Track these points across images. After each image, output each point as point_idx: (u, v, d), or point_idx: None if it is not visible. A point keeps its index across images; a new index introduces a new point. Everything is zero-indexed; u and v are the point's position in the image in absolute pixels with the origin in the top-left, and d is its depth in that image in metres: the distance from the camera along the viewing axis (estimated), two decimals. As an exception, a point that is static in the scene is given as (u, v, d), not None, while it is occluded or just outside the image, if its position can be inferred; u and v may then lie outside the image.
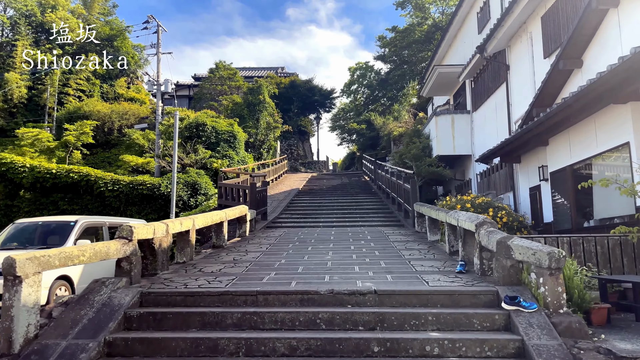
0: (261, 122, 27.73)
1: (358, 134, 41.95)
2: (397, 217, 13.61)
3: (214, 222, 7.88)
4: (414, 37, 36.93)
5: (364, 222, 12.99)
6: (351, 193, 20.33)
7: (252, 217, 10.62)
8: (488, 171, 15.52)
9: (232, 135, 23.27)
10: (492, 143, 15.62)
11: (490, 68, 15.72)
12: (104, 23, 43.03)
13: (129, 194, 16.18)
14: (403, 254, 7.26)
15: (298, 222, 13.13)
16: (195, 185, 16.89)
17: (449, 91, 20.46)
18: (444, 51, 21.08)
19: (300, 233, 10.44)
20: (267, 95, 28.15)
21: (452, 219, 6.83)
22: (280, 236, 9.98)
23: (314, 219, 13.69)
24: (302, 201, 17.59)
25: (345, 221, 13.23)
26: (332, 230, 11.28)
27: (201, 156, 21.95)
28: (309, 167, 35.25)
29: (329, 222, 13.11)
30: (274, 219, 13.43)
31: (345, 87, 43.72)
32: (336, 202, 17.43)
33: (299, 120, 36.46)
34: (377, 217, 13.88)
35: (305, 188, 22.24)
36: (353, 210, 15.40)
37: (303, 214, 14.76)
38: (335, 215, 14.58)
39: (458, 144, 17.70)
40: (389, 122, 28.79)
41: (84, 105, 35.23)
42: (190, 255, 6.97)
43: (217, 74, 36.15)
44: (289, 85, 35.77)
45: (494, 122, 15.48)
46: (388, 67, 41.86)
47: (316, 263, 6.69)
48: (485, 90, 16.29)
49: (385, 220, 13.40)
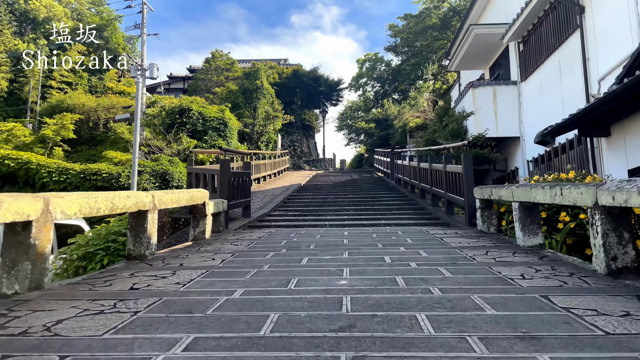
0: (259, 111, 23.82)
1: (366, 134, 38.00)
2: (434, 213, 9.56)
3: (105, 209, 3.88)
4: (429, 22, 33.00)
5: (390, 220, 8.97)
6: (364, 188, 16.32)
7: (220, 209, 6.64)
8: (547, 155, 11.47)
9: (222, 122, 19.41)
10: (554, 118, 11.62)
11: (550, 17, 11.71)
12: (94, 13, 39.55)
13: (80, 186, 12.28)
14: (520, 284, 3.13)
15: (294, 221, 9.13)
16: (166, 176, 12.95)
17: (484, 63, 16.43)
18: (480, 10, 17.02)
19: (293, 235, 6.42)
20: (266, 81, 24.26)
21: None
22: (259, 239, 5.98)
23: (317, 217, 9.70)
24: (303, 196, 13.60)
25: (363, 219, 9.22)
26: (345, 231, 7.24)
27: (185, 146, 18.11)
28: (314, 165, 31.20)
29: (339, 220, 9.11)
30: (262, 216, 9.44)
31: (354, 81, 39.77)
32: (347, 197, 13.45)
33: (303, 114, 32.48)
34: (406, 214, 9.83)
35: (309, 184, 18.25)
36: (371, 205, 11.39)
37: (302, 210, 10.76)
38: (347, 211, 10.59)
39: (502, 124, 13.65)
40: (405, 110, 24.75)
41: (68, 98, 31.54)
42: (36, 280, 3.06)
43: (214, 64, 32.51)
44: (291, 75, 31.84)
45: (556, 89, 11.46)
46: (400, 59, 37.95)
47: (315, 304, 2.62)
48: (541, 51, 12.28)
49: (420, 217, 9.34)
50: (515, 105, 13.64)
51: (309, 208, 11.09)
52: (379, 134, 33.48)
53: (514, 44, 13.91)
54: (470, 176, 7.25)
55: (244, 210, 8.73)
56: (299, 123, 31.71)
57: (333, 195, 13.78)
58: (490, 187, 5.89)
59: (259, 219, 9.07)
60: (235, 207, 7.96)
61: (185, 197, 5.29)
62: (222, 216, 6.78)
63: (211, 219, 6.16)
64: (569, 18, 10.82)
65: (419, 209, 10.67)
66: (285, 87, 31.32)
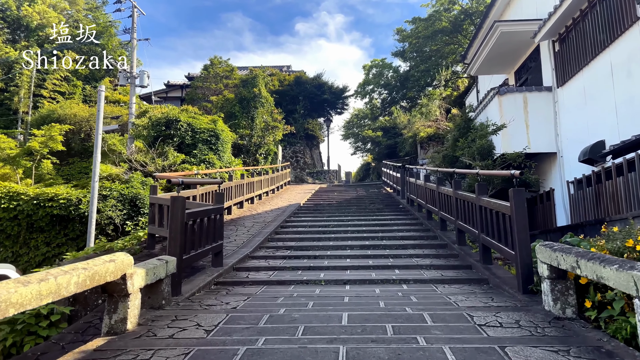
0: (256, 122, 21.68)
1: (373, 142, 35.80)
2: (463, 257, 7.31)
3: None
4: (439, 25, 30.78)
5: (405, 268, 6.72)
6: (372, 209, 14.10)
7: (161, 276, 4.46)
8: (595, 176, 9.12)
9: (213, 134, 17.31)
10: (602, 131, 9.43)
11: (598, 10, 9.48)
12: (91, 20, 37.84)
13: (33, 215, 10.16)
14: None
15: (281, 269, 6.91)
16: (137, 201, 10.80)
17: (508, 66, 14.18)
18: (503, 5, 14.72)
19: (279, 306, 4.25)
20: (264, 88, 22.15)
21: None
22: (224, 321, 3.81)
23: (312, 260, 7.49)
24: (300, 223, 11.39)
25: (370, 267, 6.97)
26: (345, 295, 5.09)
27: (171, 161, 16.01)
28: (318, 178, 28.97)
29: (339, 270, 6.88)
30: (241, 261, 7.23)
31: (360, 88, 37.53)
32: (351, 222, 11.24)
33: (306, 123, 30.29)
34: (425, 255, 7.53)
35: (309, 203, 16.08)
36: (380, 238, 9.14)
37: (295, 248, 8.54)
38: (351, 249, 8.37)
39: (534, 138, 11.38)
40: (416, 119, 22.50)
41: (59, 108, 29.66)
42: None
43: (212, 71, 30.53)
44: (294, 82, 29.69)
45: (607, 96, 9.20)
46: (408, 65, 35.76)
47: None
48: (584, 51, 10.04)
49: (444, 262, 7.04)
50: (550, 115, 11.39)
51: (304, 244, 8.87)
52: (386, 142, 31.39)
53: (547, 44, 11.68)
54: (523, 221, 5.02)
55: (214, 257, 6.56)
56: (301, 133, 29.54)
57: (335, 222, 11.58)
58: (572, 253, 3.65)
59: (235, 268, 6.87)
60: (196, 259, 5.78)
61: (77, 281, 3.12)
62: (166, 283, 4.61)
63: (139, 297, 3.99)
64: (624, 9, 8.59)
65: (440, 247, 8.41)
66: (287, 95, 29.21)
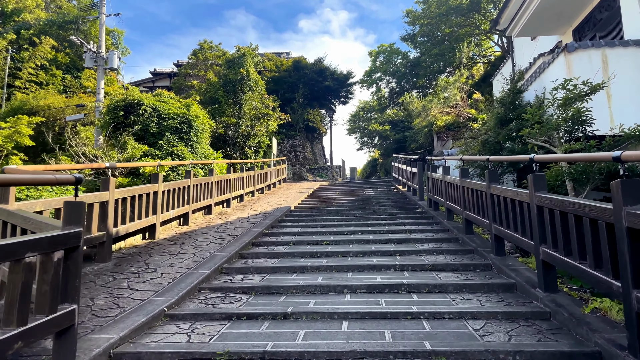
0: (244, 109, 18.09)
1: (381, 137, 32.19)
2: (553, 310, 3.67)
3: None
4: (454, 1, 27.02)
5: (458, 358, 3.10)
6: (383, 218, 10.42)
7: None
8: None
9: (185, 121, 13.77)
10: None
11: None
12: (73, 5, 34.47)
13: None
14: None
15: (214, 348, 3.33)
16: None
17: (565, 23, 10.46)
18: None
19: None
20: (253, 70, 18.55)
21: None
22: None
23: (281, 332, 3.92)
24: (281, 238, 7.76)
25: (386, 344, 3.35)
26: None
27: (130, 154, 12.55)
28: (319, 174, 25.36)
29: (329, 336, 3.29)
30: (129, 341, 3.70)
31: (366, 76, 33.82)
32: (354, 237, 7.63)
33: (306, 114, 26.63)
34: (482, 313, 3.93)
35: (303, 206, 12.49)
36: (398, 268, 5.47)
37: (260, 291, 4.94)
38: (352, 292, 4.78)
39: (619, 110, 7.72)
40: (432, 104, 18.77)
41: (32, 99, 26.21)
42: None
43: (202, 57, 27.02)
44: (292, 67, 26.02)
45: None
46: (418, 51, 32.04)
47: None
48: None
49: (538, 342, 3.46)
50: (644, 79, 7.71)
51: (274, 283, 5.28)
52: (394, 137, 27.91)
53: (636, -22, 7.98)
54: None
55: (56, 340, 3.00)
56: (301, 124, 25.94)
57: (331, 236, 7.99)
58: None
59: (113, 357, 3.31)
60: None
61: None
62: None
63: None
64: None
65: (504, 288, 4.77)
66: (284, 82, 25.61)
